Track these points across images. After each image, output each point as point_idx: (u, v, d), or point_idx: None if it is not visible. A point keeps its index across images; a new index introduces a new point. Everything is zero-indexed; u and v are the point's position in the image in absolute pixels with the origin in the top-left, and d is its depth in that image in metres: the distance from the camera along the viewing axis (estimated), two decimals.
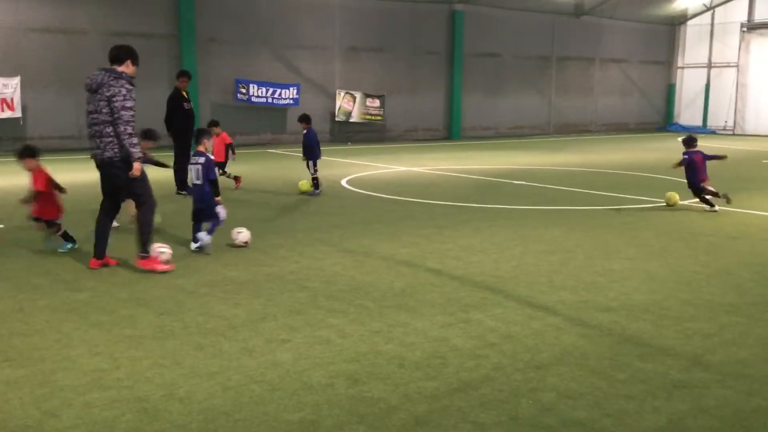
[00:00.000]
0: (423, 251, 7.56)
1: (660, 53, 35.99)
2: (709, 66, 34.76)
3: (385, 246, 7.81)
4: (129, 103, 6.42)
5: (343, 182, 13.61)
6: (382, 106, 27.62)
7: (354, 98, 26.88)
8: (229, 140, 12.56)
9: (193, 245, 7.55)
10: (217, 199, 7.64)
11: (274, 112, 25.28)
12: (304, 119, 12.17)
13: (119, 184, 6.70)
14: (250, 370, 4.22)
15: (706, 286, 6.24)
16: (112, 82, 6.39)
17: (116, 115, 6.36)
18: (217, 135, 12.15)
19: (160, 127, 11.56)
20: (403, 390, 3.95)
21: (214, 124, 12.27)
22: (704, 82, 35.13)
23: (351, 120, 26.79)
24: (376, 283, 6.22)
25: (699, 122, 35.07)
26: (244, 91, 24.28)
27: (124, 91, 6.41)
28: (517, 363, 4.39)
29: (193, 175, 7.68)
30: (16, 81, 20.16)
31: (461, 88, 29.87)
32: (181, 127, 11.87)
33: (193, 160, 7.75)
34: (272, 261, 7.07)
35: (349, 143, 25.99)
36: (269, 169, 16.48)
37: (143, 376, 4.10)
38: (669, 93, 36.66)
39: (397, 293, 5.92)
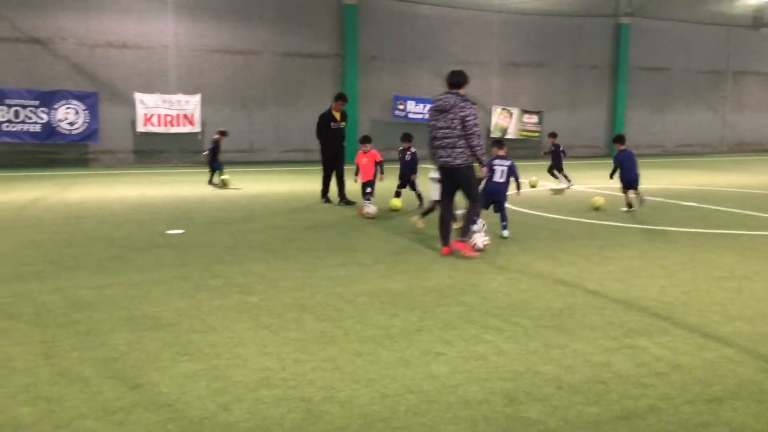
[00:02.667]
0: (582, 271, 7.31)
1: None
2: None
3: (542, 264, 7.65)
4: (477, 121, 7.98)
5: None
6: (540, 122, 27.14)
7: (511, 114, 26.64)
8: (379, 158, 11.85)
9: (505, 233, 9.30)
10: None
11: None
12: (407, 138, 12.14)
13: (462, 184, 8.15)
14: (406, 379, 4.29)
15: None
16: (462, 105, 7.91)
17: (469, 132, 7.89)
18: (366, 152, 11.88)
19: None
20: (562, 413, 3.84)
21: (366, 140, 12.12)
22: None
23: (507, 136, 26.55)
24: (533, 302, 6.10)
25: None
26: (401, 107, 24.83)
27: (473, 112, 7.97)
28: (687, 394, 4.13)
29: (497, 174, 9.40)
30: (197, 98, 21.94)
31: (625, 104, 28.70)
32: (328, 143, 12.92)
33: (497, 162, 9.44)
34: (428, 275, 7.14)
35: None
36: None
37: (307, 378, 4.29)
38: None
39: (555, 313, 5.77)
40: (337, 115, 12.86)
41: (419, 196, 12.05)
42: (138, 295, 6.16)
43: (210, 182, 15.90)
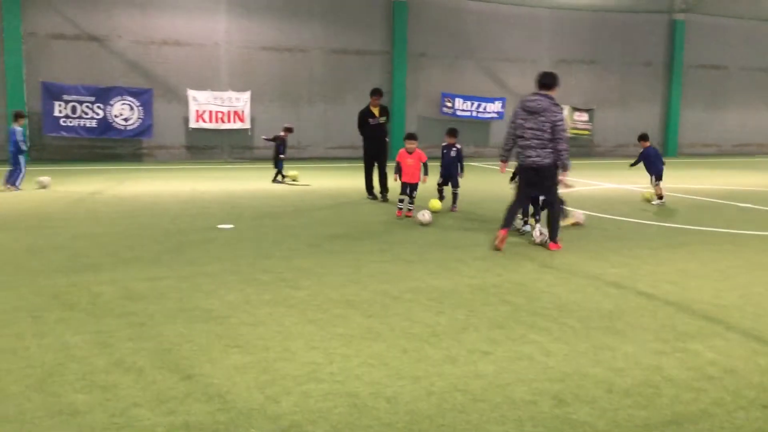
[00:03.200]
0: (634, 273, 7.19)
1: None
2: None
3: (592, 265, 7.54)
4: (565, 126, 8.28)
5: None
6: (591, 120, 26.72)
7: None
8: (424, 158, 10.97)
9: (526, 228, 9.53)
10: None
11: (478, 125, 25.47)
12: (452, 133, 11.87)
13: (546, 183, 8.39)
14: (453, 378, 4.29)
15: None
16: (554, 109, 8.17)
17: (558, 136, 8.14)
18: (411, 152, 10.83)
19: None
20: (611, 416, 3.79)
21: (411, 137, 11.06)
22: None
23: None
24: (582, 303, 6.03)
25: None
26: (449, 104, 24.74)
27: (563, 117, 8.26)
28: (740, 400, 4.03)
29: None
30: (246, 95, 22.24)
31: (679, 102, 28.04)
32: (368, 139, 12.94)
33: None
34: (474, 273, 7.11)
35: None
36: (473, 182, 16.62)
37: (353, 373, 4.32)
38: None
39: (605, 315, 5.69)
40: (375, 111, 12.80)
41: (456, 196, 11.62)
42: (190, 288, 6.30)
43: (275, 180, 15.97)
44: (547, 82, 8.31)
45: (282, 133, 16.35)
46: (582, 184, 16.29)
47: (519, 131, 8.35)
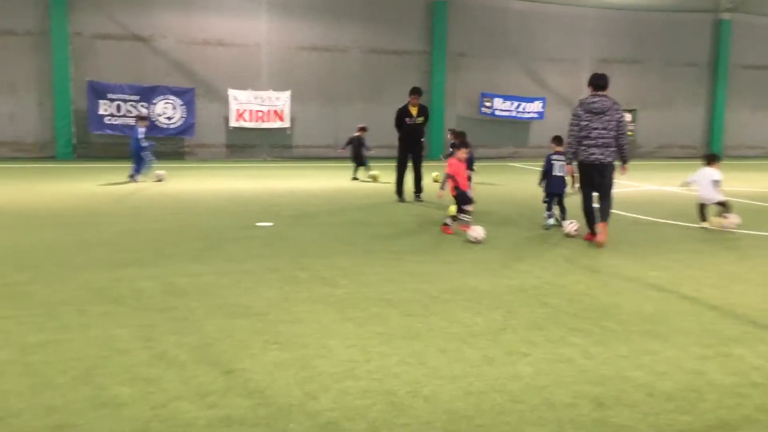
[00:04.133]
0: (676, 276, 7.06)
1: None
2: None
3: (633, 267, 7.43)
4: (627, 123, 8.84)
5: None
6: (633, 120, 26.30)
7: None
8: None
9: (549, 222, 9.92)
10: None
11: (518, 125, 25.27)
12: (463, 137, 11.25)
13: (607, 179, 8.82)
14: (491, 378, 4.27)
15: None
16: (616, 108, 8.75)
17: (622, 132, 8.73)
18: (462, 159, 9.54)
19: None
20: (652, 420, 3.73)
21: (464, 144, 10.02)
22: None
23: None
24: (623, 306, 5.94)
25: None
26: (488, 104, 24.59)
27: (624, 116, 8.85)
28: None
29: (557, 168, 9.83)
30: (286, 95, 22.43)
31: (725, 103, 27.42)
32: (404, 138, 12.78)
33: (555, 157, 9.89)
34: (513, 274, 7.07)
35: None
36: (513, 183, 16.51)
37: (391, 372, 4.34)
38: None
39: (646, 318, 5.60)
40: (414, 111, 12.68)
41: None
42: (230, 285, 6.38)
43: (354, 177, 16.45)
44: (602, 83, 8.86)
45: (357, 133, 16.63)
46: (624, 185, 16.04)
47: (583, 132, 8.74)
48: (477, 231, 8.75)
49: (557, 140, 10.26)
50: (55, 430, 3.49)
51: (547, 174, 10.01)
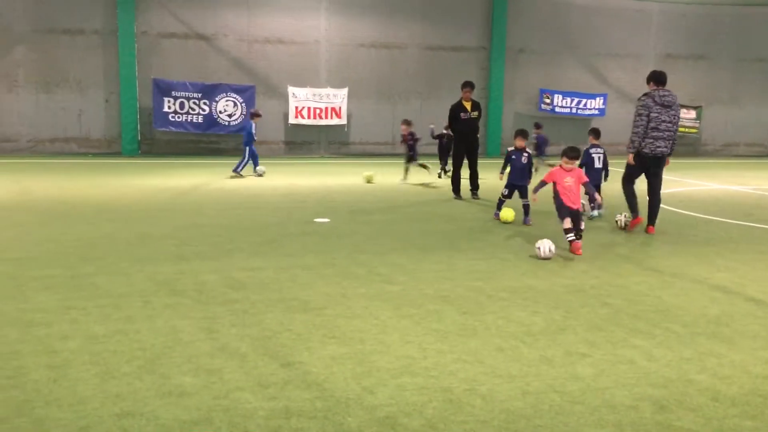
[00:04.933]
0: (742, 278, 6.84)
1: None
2: None
3: (697, 268, 7.23)
4: None
5: None
6: (698, 117, 25.54)
7: None
8: (585, 178, 8.73)
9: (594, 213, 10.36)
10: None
11: (578, 122, 24.82)
12: (523, 135, 10.46)
13: (660, 170, 9.39)
14: (549, 378, 4.23)
15: None
16: (678, 102, 9.28)
17: (677, 125, 9.27)
18: (569, 169, 8.43)
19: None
20: (716, 425, 3.63)
21: (574, 155, 9.07)
22: None
23: None
24: (687, 307, 5.79)
25: None
26: (548, 101, 24.22)
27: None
28: None
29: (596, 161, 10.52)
30: (344, 92, 22.57)
31: None
32: (459, 134, 12.69)
33: (593, 150, 10.57)
34: (572, 273, 6.96)
35: None
36: None
37: (448, 369, 4.34)
38: None
39: (711, 320, 5.45)
40: (468, 105, 12.54)
41: (527, 207, 10.03)
42: (288, 279, 6.48)
43: (441, 175, 16.71)
44: (664, 79, 9.30)
45: (445, 131, 16.65)
46: (688, 184, 15.60)
47: (652, 123, 9.10)
48: (544, 246, 7.67)
49: (594, 133, 11.15)
50: (120, 418, 3.62)
51: (587, 167, 10.37)
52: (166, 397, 3.85)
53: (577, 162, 8.66)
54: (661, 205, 9.54)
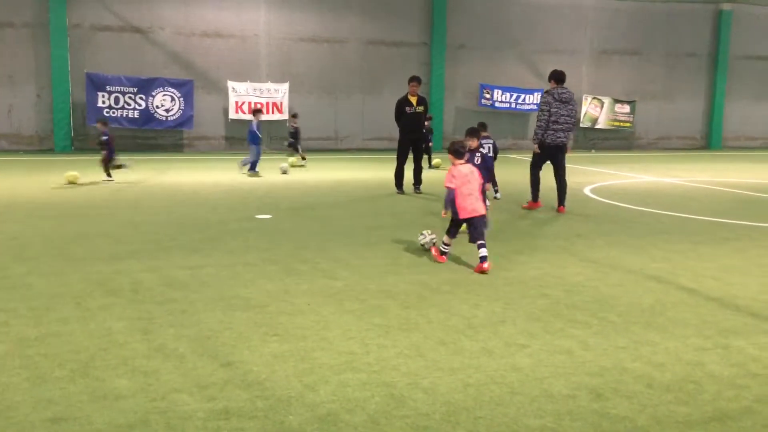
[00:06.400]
0: (675, 268, 7.06)
1: None
2: None
3: (632, 259, 7.43)
4: None
5: (587, 191, 13.17)
6: (632, 112, 26.28)
7: (602, 104, 25.91)
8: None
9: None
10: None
11: (517, 117, 25.23)
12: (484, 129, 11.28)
13: (562, 157, 10.59)
14: (490, 370, 4.27)
15: None
16: (574, 98, 10.59)
17: (574, 119, 10.61)
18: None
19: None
20: (651, 411, 3.74)
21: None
22: None
23: (597, 126, 25.86)
24: (622, 297, 5.95)
25: None
26: (488, 96, 24.55)
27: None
28: None
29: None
30: (285, 87, 22.37)
31: (724, 94, 27.37)
32: (405, 128, 12.64)
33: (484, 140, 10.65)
34: (512, 266, 7.07)
35: (593, 150, 25.08)
36: (512, 174, 16.49)
37: (390, 364, 4.34)
38: None
39: (645, 309, 5.60)
40: (413, 100, 12.55)
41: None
42: (229, 277, 6.38)
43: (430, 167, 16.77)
44: (563, 78, 10.58)
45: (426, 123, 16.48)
46: (622, 176, 16.03)
47: (552, 117, 10.35)
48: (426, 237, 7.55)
49: (482, 126, 11.65)
50: (53, 423, 3.49)
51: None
52: (101, 401, 3.74)
53: (465, 157, 7.37)
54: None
